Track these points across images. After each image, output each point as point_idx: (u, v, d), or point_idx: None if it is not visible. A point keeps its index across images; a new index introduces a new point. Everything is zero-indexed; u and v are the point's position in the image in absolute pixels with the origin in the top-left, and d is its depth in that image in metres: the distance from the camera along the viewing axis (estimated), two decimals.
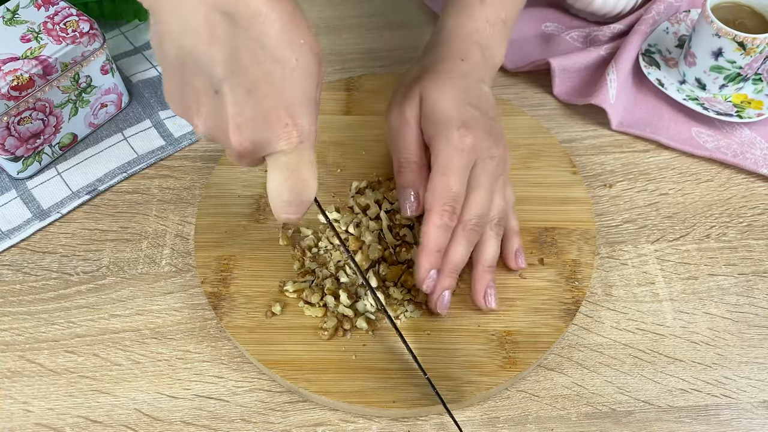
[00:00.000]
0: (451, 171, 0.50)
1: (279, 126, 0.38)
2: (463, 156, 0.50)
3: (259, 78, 0.37)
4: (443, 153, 0.51)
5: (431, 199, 0.50)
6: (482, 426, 0.50)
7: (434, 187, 0.50)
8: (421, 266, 0.50)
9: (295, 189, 0.42)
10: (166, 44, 0.38)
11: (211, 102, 0.38)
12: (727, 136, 0.66)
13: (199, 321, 0.55)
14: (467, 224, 0.51)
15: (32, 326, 0.55)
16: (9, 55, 0.57)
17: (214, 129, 0.39)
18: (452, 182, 0.50)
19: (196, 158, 0.66)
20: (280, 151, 0.40)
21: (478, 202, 0.51)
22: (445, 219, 0.49)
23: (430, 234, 0.50)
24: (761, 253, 0.59)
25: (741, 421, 0.50)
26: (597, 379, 0.52)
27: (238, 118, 0.38)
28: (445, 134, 0.51)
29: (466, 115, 0.52)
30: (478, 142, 0.51)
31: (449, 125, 0.51)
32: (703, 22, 0.63)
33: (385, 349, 0.51)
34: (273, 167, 0.41)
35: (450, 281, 0.51)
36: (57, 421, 0.50)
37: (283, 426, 0.50)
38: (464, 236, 0.51)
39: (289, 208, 0.43)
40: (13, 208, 0.61)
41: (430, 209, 0.50)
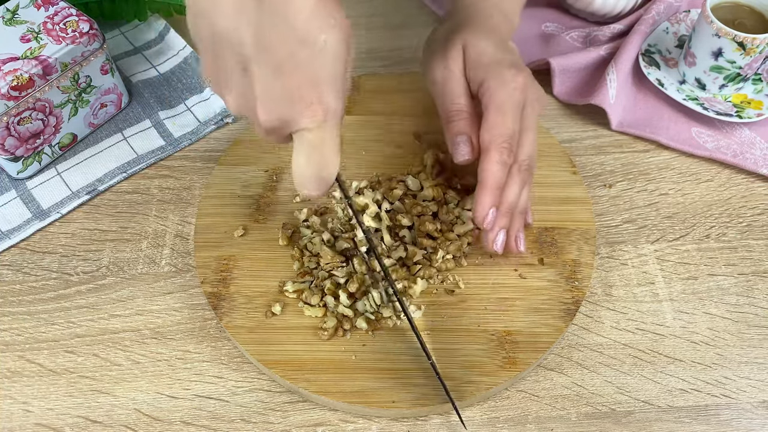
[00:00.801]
0: (507, 109, 0.51)
1: (304, 105, 0.39)
2: (516, 94, 0.51)
3: (286, 57, 0.37)
4: (498, 92, 0.51)
5: (489, 137, 0.50)
6: (482, 426, 0.50)
7: (491, 125, 0.51)
8: (483, 203, 0.50)
9: (318, 166, 0.42)
10: (200, 23, 0.39)
11: (240, 80, 0.39)
12: (727, 136, 0.66)
13: (199, 321, 0.55)
14: (522, 164, 0.51)
15: (32, 326, 0.55)
16: (9, 55, 0.57)
17: (243, 106, 0.40)
18: (509, 120, 0.50)
19: (196, 158, 0.66)
20: (305, 128, 0.40)
21: (531, 142, 0.52)
22: (504, 156, 0.50)
23: (491, 170, 0.50)
24: (761, 253, 0.59)
25: (741, 421, 0.50)
26: (597, 379, 0.52)
27: (264, 96, 0.39)
28: (498, 74, 0.51)
29: (513, 59, 0.53)
30: (528, 83, 0.52)
31: (501, 66, 0.52)
32: (703, 22, 0.63)
33: (385, 349, 0.51)
34: (298, 144, 0.41)
35: (506, 221, 0.52)
36: (57, 421, 0.50)
37: (283, 426, 0.50)
38: (519, 176, 0.51)
39: (311, 185, 0.43)
40: (12, 208, 0.61)
41: (488, 147, 0.50)
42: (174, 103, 0.69)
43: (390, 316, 0.52)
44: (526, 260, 0.56)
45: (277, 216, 0.59)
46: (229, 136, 0.67)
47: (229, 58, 0.38)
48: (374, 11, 0.79)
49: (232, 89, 0.40)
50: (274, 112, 0.39)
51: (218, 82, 0.41)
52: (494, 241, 0.52)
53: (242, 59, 0.38)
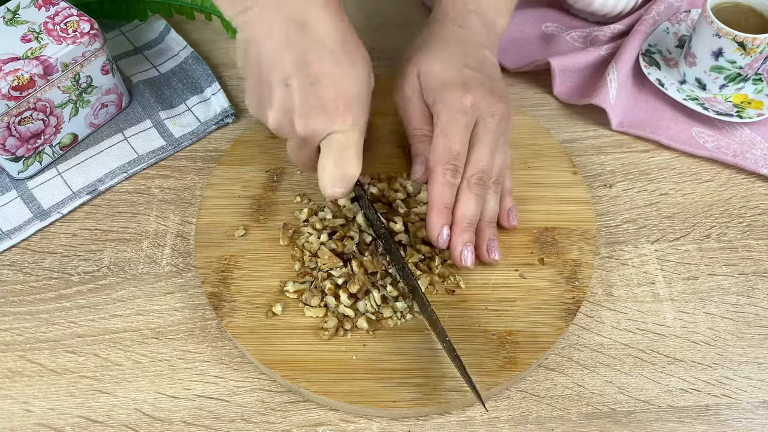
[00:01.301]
0: (451, 131, 0.53)
1: (336, 112, 0.47)
2: (462, 116, 0.53)
3: (321, 73, 0.46)
4: (443, 114, 0.53)
5: (434, 160, 0.53)
6: (482, 426, 0.50)
7: (436, 147, 0.53)
8: (432, 223, 0.53)
9: (343, 166, 0.48)
10: (250, 49, 0.47)
11: (281, 94, 0.46)
12: (728, 136, 0.66)
13: (200, 321, 0.55)
14: (471, 179, 0.53)
15: (33, 326, 0.55)
16: (10, 55, 0.57)
17: (283, 119, 0.48)
18: (453, 142, 0.52)
19: (197, 158, 0.66)
20: (335, 132, 0.47)
21: (480, 158, 0.53)
22: (447, 177, 0.52)
23: (435, 191, 0.53)
24: (761, 253, 0.59)
25: (741, 421, 0.50)
26: (597, 379, 0.52)
27: (303, 106, 0.46)
28: (443, 97, 0.54)
29: (464, 77, 0.54)
30: (477, 101, 0.53)
31: (447, 88, 0.54)
32: (703, 22, 0.63)
33: (385, 349, 0.51)
34: (326, 148, 0.48)
35: (467, 236, 0.53)
36: (57, 421, 0.50)
37: (283, 426, 0.50)
38: (470, 190, 0.53)
39: (336, 183, 0.49)
40: (13, 208, 0.61)
41: (433, 168, 0.53)
42: (175, 103, 0.69)
43: (390, 316, 0.52)
44: (527, 260, 0.56)
45: (278, 216, 0.59)
46: (229, 136, 0.67)
47: (273, 76, 0.46)
48: (374, 11, 0.79)
49: (273, 104, 0.47)
50: (310, 120, 0.47)
51: (261, 101, 0.48)
52: (460, 257, 0.52)
53: (285, 75, 0.46)
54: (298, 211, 0.59)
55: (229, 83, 0.72)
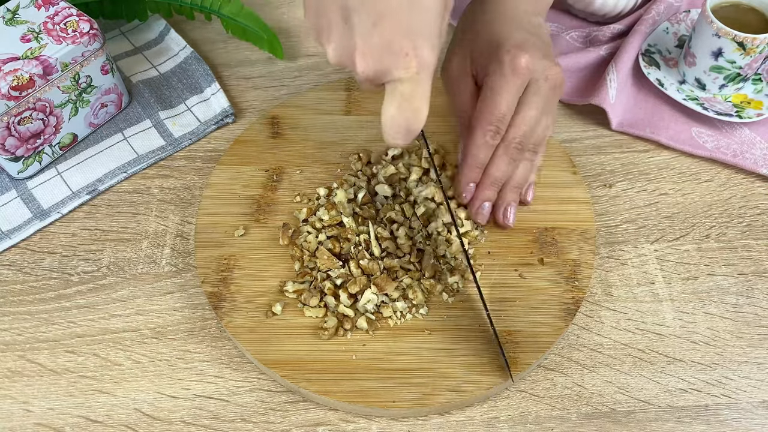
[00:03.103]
0: (499, 91, 0.51)
1: (400, 56, 0.41)
2: (515, 77, 0.51)
3: (386, 10, 0.39)
4: (493, 75, 0.52)
5: (477, 118, 0.52)
6: (482, 426, 0.50)
7: (481, 107, 0.52)
8: (462, 179, 0.54)
9: (407, 117, 0.43)
10: None
11: (340, 30, 0.41)
12: (727, 136, 0.66)
13: (200, 321, 0.55)
14: (511, 142, 0.52)
15: (32, 326, 0.55)
16: (9, 55, 0.57)
17: (342, 56, 0.42)
18: (500, 103, 0.51)
19: (196, 158, 0.66)
20: (398, 79, 0.42)
21: (525, 122, 0.52)
22: (487, 138, 0.52)
23: (472, 150, 0.52)
24: (761, 253, 0.59)
25: (741, 421, 0.50)
26: (597, 379, 0.52)
27: (363, 46, 0.41)
28: (496, 58, 0.52)
29: (520, 38, 0.52)
30: (532, 63, 0.51)
31: (501, 48, 0.52)
32: (703, 22, 0.63)
33: (385, 349, 0.51)
34: (390, 94, 0.43)
35: (489, 193, 0.54)
36: (57, 421, 0.50)
37: (283, 426, 0.50)
38: (508, 154, 0.53)
39: (397, 134, 0.45)
40: (13, 208, 0.61)
41: (474, 127, 0.52)
42: (174, 103, 0.69)
43: (390, 316, 0.52)
44: (526, 260, 0.56)
45: (278, 216, 0.59)
46: (229, 136, 0.67)
47: (332, 10, 0.41)
48: None
49: (333, 40, 0.42)
50: (371, 61, 0.41)
51: (320, 34, 0.43)
52: (476, 212, 0.54)
53: (345, 11, 0.40)
54: (297, 211, 0.59)
55: (228, 83, 0.72)
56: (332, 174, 0.62)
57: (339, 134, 0.65)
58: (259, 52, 0.74)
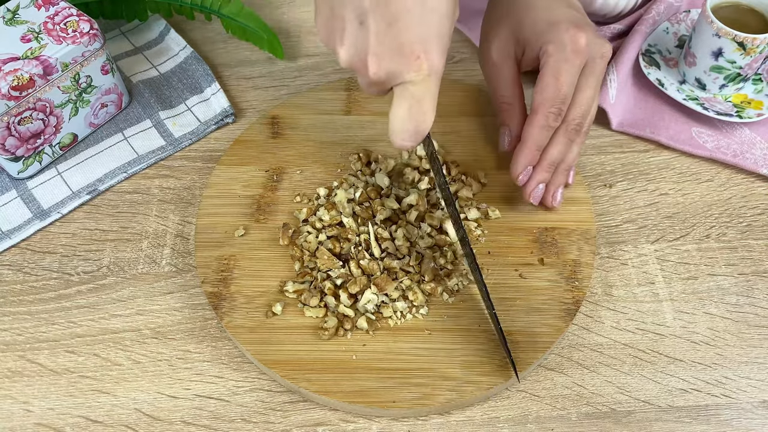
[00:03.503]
0: (562, 73, 0.51)
1: (412, 58, 0.42)
2: (577, 57, 0.51)
3: (400, 13, 0.41)
4: (555, 55, 0.51)
5: (539, 99, 0.52)
6: (482, 426, 0.50)
7: (543, 87, 0.51)
8: (519, 161, 0.54)
9: (416, 118, 0.44)
10: None
11: (354, 32, 0.42)
12: (727, 136, 0.66)
13: (200, 321, 0.55)
14: (571, 123, 0.52)
15: (32, 326, 0.55)
16: (9, 55, 0.57)
17: (354, 57, 0.43)
18: (562, 84, 0.51)
19: (196, 158, 0.66)
20: (409, 81, 0.43)
21: (585, 102, 0.52)
22: (549, 120, 0.52)
23: (533, 133, 0.52)
24: (761, 253, 0.59)
25: (741, 421, 0.50)
26: (597, 379, 0.52)
27: (377, 47, 0.42)
28: (556, 37, 0.51)
29: (572, 16, 0.52)
30: (590, 41, 0.51)
31: (559, 28, 0.51)
32: (703, 22, 0.63)
33: (385, 349, 0.51)
34: (399, 97, 0.44)
35: (546, 175, 0.55)
36: (57, 421, 0.50)
37: (283, 426, 0.50)
38: (567, 135, 0.53)
39: (406, 136, 0.46)
40: (13, 208, 0.61)
41: (536, 109, 0.52)
42: (174, 103, 0.69)
43: (390, 316, 0.52)
44: (527, 260, 0.56)
45: (278, 216, 0.59)
46: (229, 136, 0.67)
47: (347, 11, 0.42)
48: None
49: (346, 42, 0.43)
50: (383, 63, 0.42)
51: (332, 36, 0.44)
52: (531, 194, 0.55)
53: (361, 12, 0.41)
54: (297, 211, 0.59)
55: (228, 83, 0.72)
56: (332, 174, 0.62)
57: (339, 134, 0.65)
58: (259, 52, 0.74)
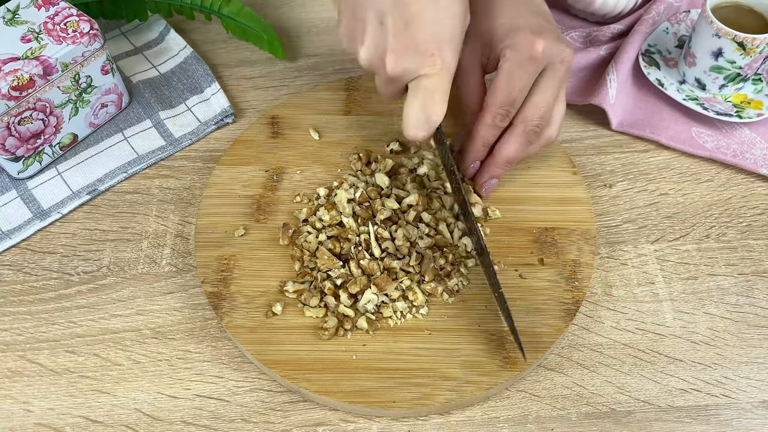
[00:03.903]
0: (515, 77, 0.52)
1: (426, 55, 0.47)
2: (531, 63, 0.52)
3: (416, 14, 0.46)
4: (510, 59, 0.52)
5: (490, 100, 0.53)
6: (482, 426, 0.50)
7: (495, 89, 0.53)
8: (467, 157, 0.57)
9: (428, 109, 0.49)
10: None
11: (374, 32, 0.47)
12: (727, 136, 0.66)
13: (200, 321, 0.55)
14: (530, 124, 0.54)
15: (32, 326, 0.55)
16: (9, 55, 0.57)
17: (374, 56, 0.48)
18: (513, 88, 0.52)
19: (197, 158, 0.66)
20: (424, 75, 0.48)
21: (544, 103, 0.54)
22: (497, 120, 0.54)
23: (480, 131, 0.55)
24: (761, 253, 0.59)
25: (741, 421, 0.50)
26: (597, 379, 0.52)
27: (395, 45, 0.47)
28: (513, 42, 0.52)
29: (534, 23, 0.53)
30: (549, 47, 0.52)
31: (517, 33, 0.52)
32: (703, 22, 0.63)
33: (385, 349, 0.51)
34: (413, 91, 0.49)
35: (500, 171, 0.57)
36: (57, 421, 0.50)
37: (283, 426, 0.50)
38: (524, 135, 0.54)
39: (419, 125, 0.50)
40: (13, 208, 0.61)
41: (486, 109, 0.53)
42: (174, 103, 0.69)
43: (390, 316, 0.52)
44: (527, 260, 0.56)
45: (278, 216, 0.59)
46: (229, 136, 0.67)
47: (368, 13, 0.47)
48: None
49: (366, 41, 0.48)
50: (400, 60, 0.47)
51: (354, 38, 0.49)
52: (483, 187, 0.58)
53: (381, 14, 0.46)
54: (297, 211, 0.59)
55: (228, 83, 0.72)
56: (332, 174, 0.62)
57: (339, 134, 0.65)
58: (259, 52, 0.74)
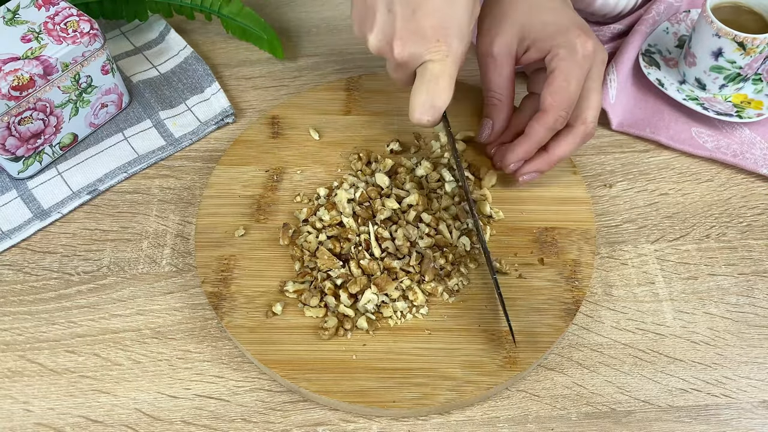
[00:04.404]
0: (573, 77, 0.53)
1: (432, 41, 0.48)
2: (586, 62, 0.53)
3: (424, 2, 0.47)
4: (567, 60, 0.53)
5: (551, 101, 0.53)
6: (482, 426, 0.50)
7: (555, 89, 0.53)
8: (517, 154, 0.57)
9: (432, 94, 0.49)
10: None
11: (383, 18, 0.48)
12: (727, 136, 0.66)
13: (200, 321, 0.55)
14: (589, 125, 0.55)
15: (33, 326, 0.55)
16: (9, 55, 0.57)
17: (383, 41, 0.49)
18: (573, 89, 0.53)
19: (197, 158, 0.66)
20: (430, 60, 0.49)
21: (598, 105, 0.55)
22: (558, 123, 0.54)
23: (539, 131, 0.55)
24: (761, 253, 0.59)
25: (741, 420, 0.50)
26: (597, 378, 0.52)
27: (402, 31, 0.48)
28: (567, 42, 0.53)
29: (579, 21, 0.54)
30: (596, 47, 0.53)
31: (569, 33, 0.53)
32: (703, 22, 0.63)
33: (385, 349, 0.51)
34: (420, 76, 0.50)
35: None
36: (57, 420, 0.50)
37: (283, 426, 0.50)
38: (582, 136, 0.56)
39: (424, 109, 0.50)
40: (13, 208, 0.61)
41: (547, 109, 0.54)
42: (174, 103, 0.69)
43: (390, 316, 0.52)
44: (527, 260, 0.56)
45: (278, 216, 0.59)
46: (229, 136, 0.67)
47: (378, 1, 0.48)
48: None
49: (375, 28, 0.49)
50: (407, 45, 0.48)
51: (364, 24, 0.50)
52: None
53: (389, 1, 0.47)
54: (297, 211, 0.59)
55: (229, 83, 0.72)
56: (332, 174, 0.62)
57: (339, 134, 0.65)
58: (259, 52, 0.74)
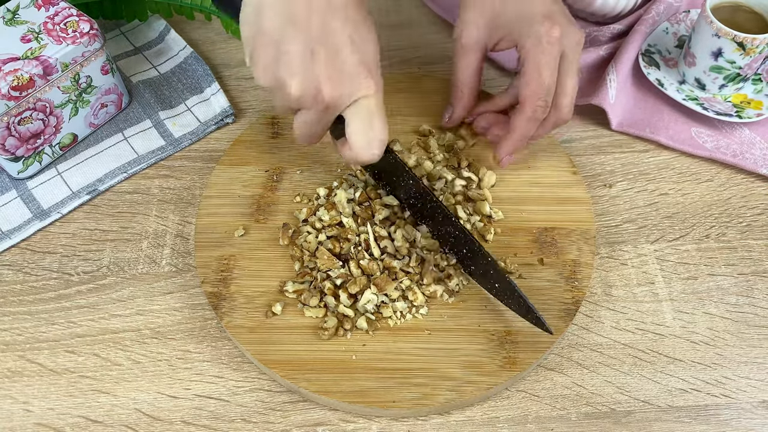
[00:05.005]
0: (543, 66, 0.53)
1: (361, 77, 0.47)
2: (553, 48, 0.53)
3: (343, 42, 0.46)
4: (534, 50, 0.53)
5: (526, 93, 0.54)
6: (482, 426, 0.50)
7: (528, 81, 0.54)
8: (505, 149, 0.58)
9: (378, 127, 0.49)
10: (268, 14, 0.46)
11: (306, 62, 0.46)
12: (727, 136, 0.66)
13: (200, 321, 0.55)
14: (563, 110, 0.55)
15: (32, 326, 0.55)
16: (9, 55, 0.57)
17: (309, 85, 0.46)
18: (545, 77, 0.53)
19: (196, 158, 0.66)
20: (363, 97, 0.48)
21: (571, 90, 0.55)
22: (537, 113, 0.54)
23: (521, 125, 0.55)
24: (761, 253, 0.59)
25: (741, 421, 0.50)
26: (597, 379, 0.52)
27: (330, 71, 0.46)
28: (531, 31, 0.53)
29: (545, 8, 0.54)
30: (564, 32, 0.53)
31: (533, 22, 0.53)
32: (703, 22, 0.63)
33: (385, 349, 0.51)
34: (356, 114, 0.48)
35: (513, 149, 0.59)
36: (57, 421, 0.50)
37: (283, 426, 0.50)
38: (557, 123, 0.56)
39: (372, 144, 0.49)
40: (13, 208, 0.61)
41: (524, 102, 0.54)
42: (174, 103, 0.69)
43: (390, 316, 0.52)
44: (526, 260, 0.56)
45: (278, 216, 0.59)
46: (229, 136, 0.67)
47: (297, 44, 0.45)
48: (374, 11, 0.79)
49: (297, 74, 0.46)
50: (338, 85, 0.47)
51: (280, 74, 0.47)
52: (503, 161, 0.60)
53: (308, 44, 0.45)
54: (297, 211, 0.59)
55: (228, 83, 0.72)
56: (332, 174, 0.62)
57: None
58: None
